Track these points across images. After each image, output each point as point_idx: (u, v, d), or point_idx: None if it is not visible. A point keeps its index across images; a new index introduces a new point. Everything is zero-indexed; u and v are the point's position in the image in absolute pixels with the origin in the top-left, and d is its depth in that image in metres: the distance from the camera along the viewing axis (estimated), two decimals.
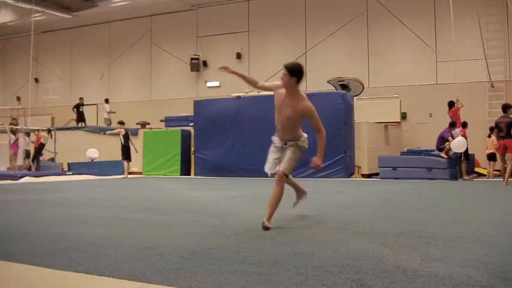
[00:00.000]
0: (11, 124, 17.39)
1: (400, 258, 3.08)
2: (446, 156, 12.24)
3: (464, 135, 12.35)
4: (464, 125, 12.94)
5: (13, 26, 22.07)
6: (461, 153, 12.06)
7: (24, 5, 19.01)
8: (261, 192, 8.62)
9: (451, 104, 13.60)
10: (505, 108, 10.37)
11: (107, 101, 20.12)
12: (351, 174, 13.11)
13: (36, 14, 19.60)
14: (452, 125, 12.61)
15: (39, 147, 15.89)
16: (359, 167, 13.34)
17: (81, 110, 20.05)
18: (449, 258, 3.07)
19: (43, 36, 22.77)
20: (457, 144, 11.71)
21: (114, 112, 19.69)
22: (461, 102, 13.50)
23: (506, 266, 2.88)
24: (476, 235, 3.98)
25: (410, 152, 13.09)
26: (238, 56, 19.17)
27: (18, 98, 23.35)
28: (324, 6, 17.88)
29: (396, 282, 2.55)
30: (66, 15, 20.57)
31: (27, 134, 16.62)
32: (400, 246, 3.49)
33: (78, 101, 20.19)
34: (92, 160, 16.40)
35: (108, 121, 19.86)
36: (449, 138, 12.44)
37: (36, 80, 23.46)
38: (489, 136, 13.23)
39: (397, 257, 3.14)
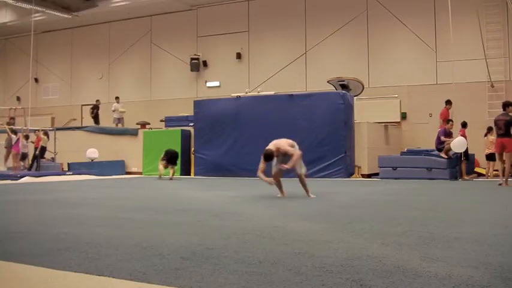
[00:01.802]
0: (8, 124, 17.25)
1: (400, 258, 3.08)
2: (446, 156, 12.24)
3: (463, 135, 12.34)
4: (464, 125, 12.92)
5: (13, 26, 22.06)
6: (461, 153, 12.05)
7: (24, 5, 19.00)
8: (260, 192, 8.62)
9: (447, 103, 13.63)
10: (505, 106, 10.28)
11: (117, 99, 19.50)
12: (350, 174, 13.11)
13: (36, 14, 19.59)
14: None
15: (41, 149, 15.78)
16: (359, 167, 13.34)
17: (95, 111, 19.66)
18: (449, 258, 3.07)
19: (43, 36, 22.76)
20: (457, 144, 11.70)
21: (124, 111, 19.17)
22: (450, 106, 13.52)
23: (506, 266, 2.88)
24: (476, 235, 3.98)
25: (410, 152, 13.09)
26: (238, 56, 19.17)
27: (18, 98, 23.33)
28: (323, 6, 17.87)
29: (396, 282, 2.55)
30: (66, 15, 20.55)
31: (26, 136, 16.17)
32: (400, 246, 3.49)
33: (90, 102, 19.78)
34: (92, 160, 16.40)
35: (118, 120, 19.08)
36: (442, 137, 12.43)
37: (36, 80, 23.45)
38: (485, 135, 13.18)
39: (397, 257, 3.14)
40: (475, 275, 2.67)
